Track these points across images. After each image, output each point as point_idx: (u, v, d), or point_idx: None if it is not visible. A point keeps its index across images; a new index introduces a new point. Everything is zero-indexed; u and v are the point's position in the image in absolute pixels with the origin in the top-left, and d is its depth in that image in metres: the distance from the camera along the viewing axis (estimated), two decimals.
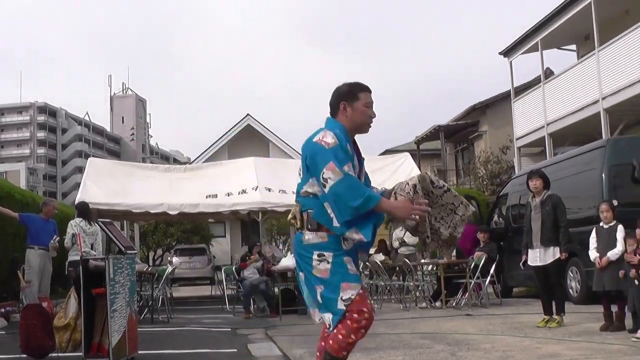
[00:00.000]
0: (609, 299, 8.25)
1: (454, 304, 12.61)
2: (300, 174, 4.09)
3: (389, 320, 10.59)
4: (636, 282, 7.43)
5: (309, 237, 3.93)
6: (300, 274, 4.06)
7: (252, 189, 14.92)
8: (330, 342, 3.88)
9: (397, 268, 14.50)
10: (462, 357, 6.50)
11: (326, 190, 3.80)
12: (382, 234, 25.14)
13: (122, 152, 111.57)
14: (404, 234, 15.10)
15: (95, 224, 10.86)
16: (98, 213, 13.92)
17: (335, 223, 3.83)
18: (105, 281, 6.44)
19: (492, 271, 12.50)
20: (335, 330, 3.86)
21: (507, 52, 23.96)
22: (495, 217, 15.34)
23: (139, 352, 7.22)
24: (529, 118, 22.75)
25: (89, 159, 17.92)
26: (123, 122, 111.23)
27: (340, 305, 3.84)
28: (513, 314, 10.79)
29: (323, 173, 3.80)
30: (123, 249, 6.98)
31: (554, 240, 8.81)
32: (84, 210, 11.40)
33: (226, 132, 33.80)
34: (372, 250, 18.00)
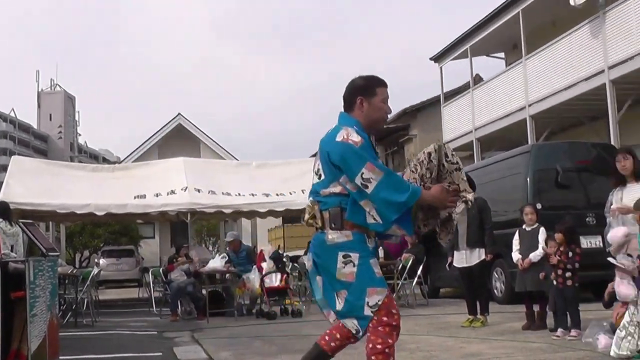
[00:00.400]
0: (531, 299, 8.46)
1: None
2: (319, 174, 3.87)
3: (316, 322, 10.61)
4: (554, 282, 7.64)
5: (333, 236, 3.75)
6: (317, 277, 3.90)
7: (181, 189, 14.75)
8: (373, 357, 3.72)
9: None
10: None
11: (369, 190, 3.64)
12: (311, 236, 25.23)
13: (50, 150, 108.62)
14: None
15: (17, 225, 10.54)
16: (22, 213, 13.54)
17: (371, 220, 3.69)
18: (25, 284, 6.24)
19: (419, 272, 12.67)
20: (371, 345, 3.72)
21: (438, 58, 24.32)
22: None
23: (61, 357, 7.03)
24: (458, 123, 23.15)
25: (13, 157, 17.45)
26: (51, 119, 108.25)
27: (367, 312, 3.71)
28: (439, 314, 10.95)
29: (363, 173, 3.64)
30: (44, 250, 6.79)
31: (480, 242, 9.00)
32: (5, 211, 11.04)
33: (157, 132, 33.36)
34: (301, 252, 18.05)
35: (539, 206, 9.95)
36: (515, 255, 8.54)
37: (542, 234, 8.36)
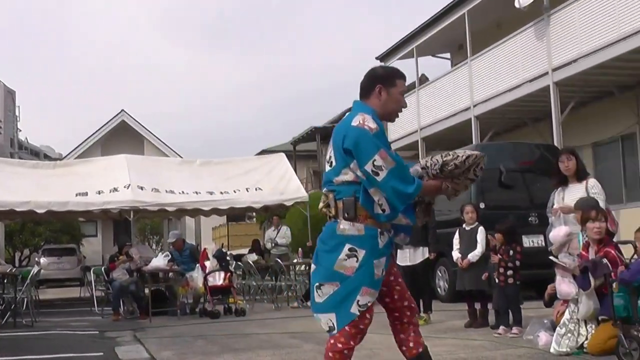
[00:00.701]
0: (472, 297, 8.55)
1: None
2: (330, 162, 3.79)
3: (259, 320, 10.60)
4: (496, 280, 7.74)
5: (344, 227, 3.67)
6: (313, 266, 3.82)
7: (124, 187, 14.48)
8: (330, 354, 3.67)
9: (270, 268, 14.51)
10: None
11: (379, 178, 3.57)
12: (256, 234, 25.13)
13: None
14: (276, 235, 15.13)
15: None
16: None
17: (378, 210, 3.63)
18: None
19: None
20: (332, 341, 3.67)
21: (384, 57, 24.40)
22: None
23: None
24: (403, 122, 23.23)
25: None
26: None
27: (354, 309, 3.66)
28: (382, 313, 10.83)
29: (374, 160, 3.58)
30: None
31: (423, 241, 9.08)
32: None
33: (100, 128, 32.87)
34: (245, 250, 17.94)
35: (482, 205, 10.06)
36: (455, 254, 8.64)
37: (480, 233, 8.47)
